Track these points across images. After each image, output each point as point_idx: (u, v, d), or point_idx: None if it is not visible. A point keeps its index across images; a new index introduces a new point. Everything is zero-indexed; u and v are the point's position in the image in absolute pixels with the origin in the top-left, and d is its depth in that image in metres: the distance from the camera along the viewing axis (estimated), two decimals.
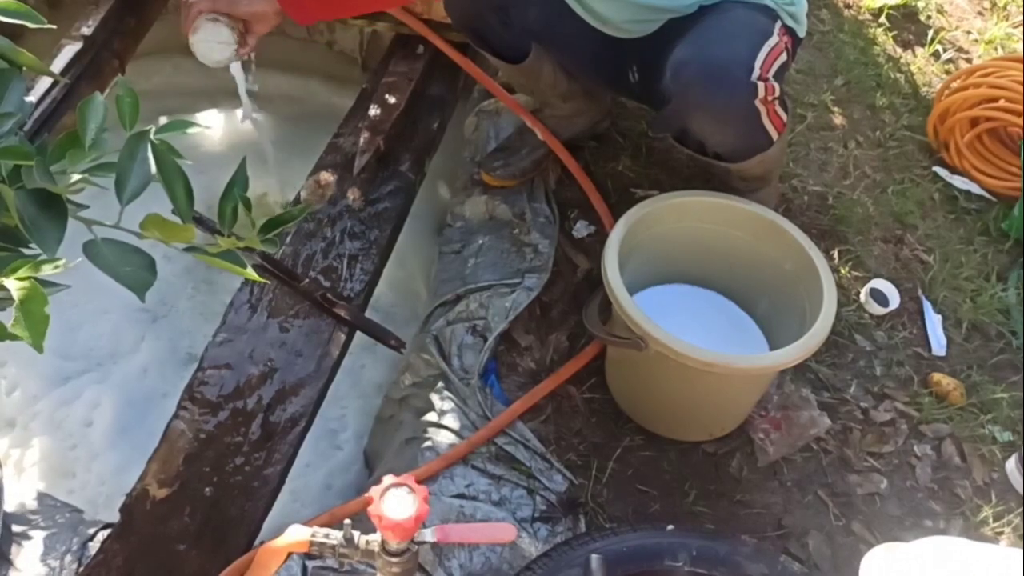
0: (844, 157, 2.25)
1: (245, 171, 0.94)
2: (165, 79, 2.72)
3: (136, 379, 1.99)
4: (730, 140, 1.67)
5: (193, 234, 0.83)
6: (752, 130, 1.63)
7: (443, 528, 0.95)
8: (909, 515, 1.61)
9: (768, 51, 1.57)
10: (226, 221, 0.90)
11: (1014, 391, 1.82)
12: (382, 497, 0.90)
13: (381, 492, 0.90)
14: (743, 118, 1.60)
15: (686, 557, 1.34)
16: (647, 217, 1.63)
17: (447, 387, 1.71)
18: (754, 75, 1.54)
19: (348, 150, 1.94)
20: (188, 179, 0.88)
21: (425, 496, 0.91)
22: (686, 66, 1.56)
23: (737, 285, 1.77)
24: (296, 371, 1.58)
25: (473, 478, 1.58)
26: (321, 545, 0.96)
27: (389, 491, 0.90)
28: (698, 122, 1.64)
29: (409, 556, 0.94)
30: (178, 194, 0.85)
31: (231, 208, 0.91)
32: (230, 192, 0.91)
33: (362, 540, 0.95)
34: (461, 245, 2.00)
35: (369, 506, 0.90)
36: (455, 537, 0.97)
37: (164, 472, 1.45)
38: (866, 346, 1.86)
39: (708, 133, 1.67)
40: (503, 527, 0.98)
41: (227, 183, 0.93)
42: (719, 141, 1.68)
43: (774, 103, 1.61)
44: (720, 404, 1.64)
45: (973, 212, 2.20)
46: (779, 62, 1.60)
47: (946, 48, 2.68)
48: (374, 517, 0.89)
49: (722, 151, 1.70)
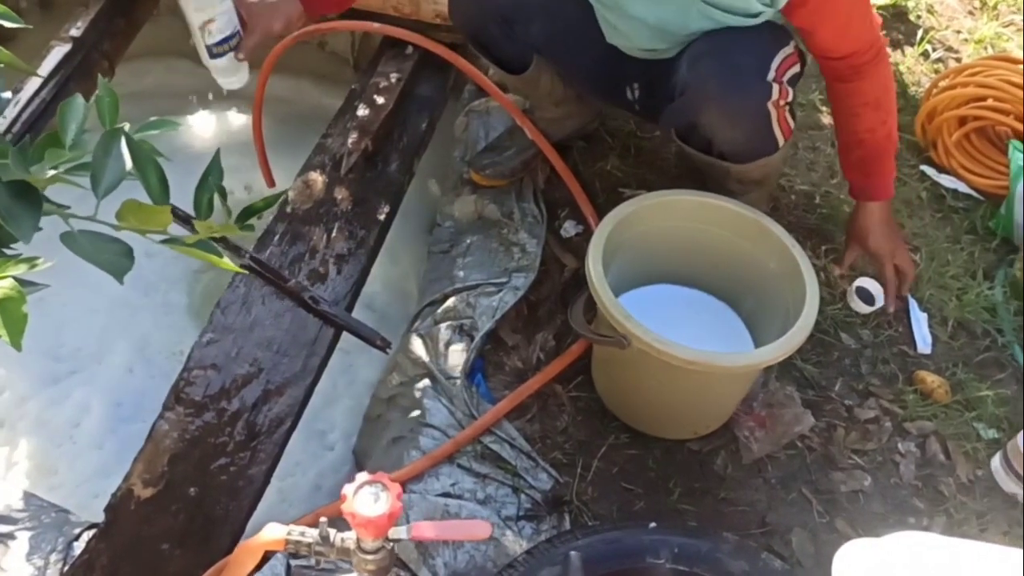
0: (832, 156, 2.26)
1: (219, 162, 0.96)
2: (157, 80, 2.73)
3: (123, 379, 2.00)
4: (739, 138, 1.68)
5: (169, 218, 0.84)
6: (761, 132, 1.65)
7: (418, 525, 0.96)
8: (893, 512, 1.62)
9: (784, 58, 1.59)
10: (202, 210, 0.91)
11: (999, 389, 1.82)
12: (355, 495, 0.91)
13: (354, 490, 0.91)
14: (755, 117, 1.62)
15: (668, 554, 1.34)
16: (631, 216, 1.64)
17: (434, 386, 1.71)
18: (770, 76, 1.57)
19: (336, 151, 1.95)
20: (162, 170, 0.89)
21: (399, 494, 0.92)
22: (705, 58, 1.58)
23: (723, 284, 1.77)
24: (282, 371, 1.59)
25: (459, 477, 1.59)
26: (297, 543, 0.97)
27: (362, 489, 0.91)
28: (709, 117, 1.65)
29: (384, 553, 0.94)
30: (152, 184, 0.87)
31: (207, 198, 0.91)
32: (205, 182, 0.92)
33: (337, 538, 0.96)
34: (450, 245, 2.01)
35: (342, 504, 0.90)
36: (430, 534, 0.97)
37: (149, 472, 1.45)
38: (852, 344, 1.87)
39: (718, 129, 1.67)
40: (478, 524, 0.99)
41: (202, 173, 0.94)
42: (728, 138, 1.68)
43: (785, 108, 1.64)
44: (704, 402, 1.65)
45: (960, 211, 2.20)
46: (793, 71, 1.62)
47: (935, 48, 2.69)
48: (347, 514, 0.90)
49: (728, 150, 1.71)
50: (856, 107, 1.66)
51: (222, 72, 1.61)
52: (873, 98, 1.64)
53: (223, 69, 1.60)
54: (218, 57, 1.58)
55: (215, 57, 1.58)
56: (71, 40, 2.05)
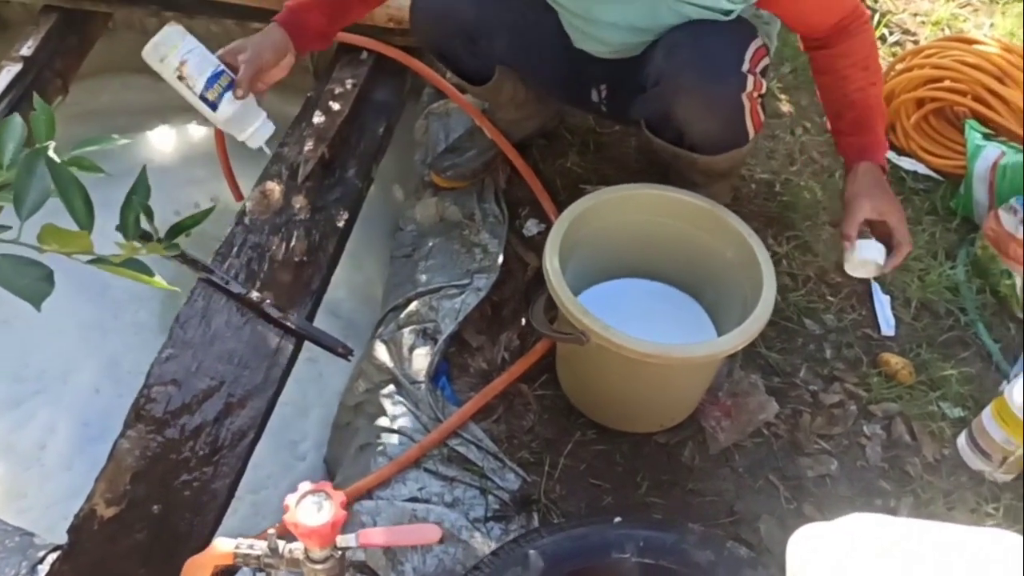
0: (791, 144, 2.27)
1: (146, 180, 0.95)
2: (113, 97, 2.71)
3: (90, 398, 1.99)
4: (712, 129, 1.68)
5: (90, 243, 0.83)
6: (735, 123, 1.65)
7: (366, 532, 0.96)
8: (860, 495, 1.62)
9: (755, 49, 1.60)
10: (128, 231, 0.90)
11: (963, 367, 1.83)
12: (297, 505, 0.90)
13: (296, 500, 0.91)
14: (729, 108, 1.62)
15: (633, 548, 1.34)
16: (588, 213, 1.64)
17: (399, 391, 1.71)
18: (745, 67, 1.57)
19: (293, 159, 1.95)
20: (86, 192, 0.88)
21: (342, 502, 0.92)
22: (680, 47, 1.58)
23: (685, 275, 1.77)
24: (243, 384, 1.58)
25: (426, 481, 1.59)
26: (246, 556, 0.96)
27: (305, 499, 0.91)
28: (685, 107, 1.64)
29: (333, 562, 0.94)
30: (76, 206, 0.86)
31: (132, 217, 0.91)
32: (130, 202, 0.91)
33: (286, 549, 0.95)
34: (412, 248, 2.01)
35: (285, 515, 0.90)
36: (378, 540, 0.97)
37: (111, 491, 1.44)
38: (816, 330, 1.87)
39: (693, 120, 1.66)
40: (428, 528, 0.99)
41: (127, 192, 0.93)
42: (701, 129, 1.68)
43: (758, 101, 1.64)
44: (668, 394, 1.65)
45: (921, 192, 2.21)
46: (764, 62, 1.63)
47: (893, 31, 2.70)
48: (290, 525, 0.90)
49: (700, 141, 1.71)
50: (844, 69, 1.63)
51: (236, 123, 1.50)
52: (861, 58, 1.63)
53: (235, 119, 1.48)
54: (216, 105, 1.46)
55: (215, 107, 1.46)
56: (22, 60, 2.04)
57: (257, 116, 1.52)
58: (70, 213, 0.87)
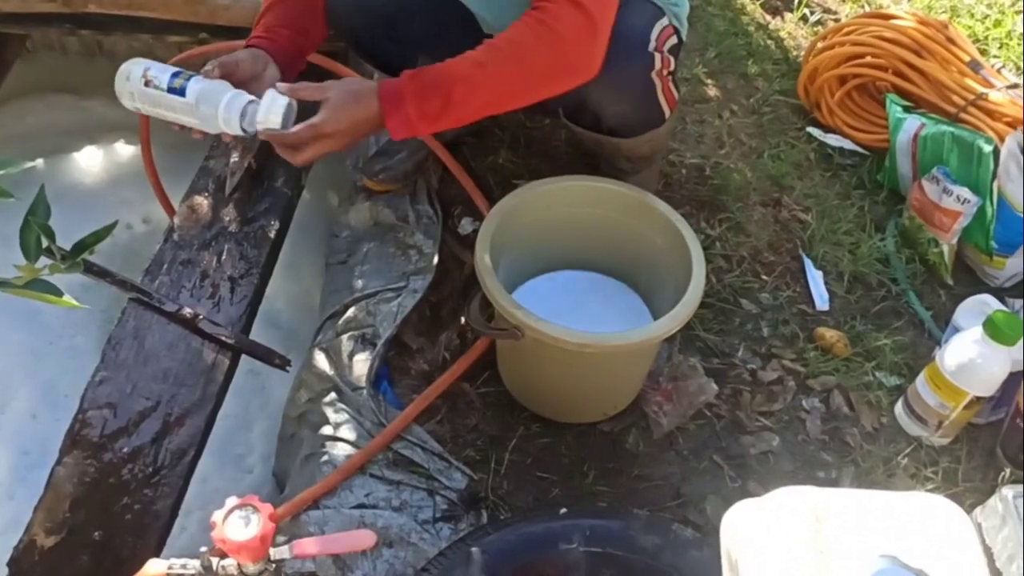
0: (719, 127, 2.29)
1: (45, 199, 0.93)
2: (39, 118, 2.66)
3: (28, 425, 1.95)
4: (626, 111, 1.70)
5: None
6: (648, 102, 1.68)
7: (299, 543, 0.95)
8: (802, 468, 1.65)
9: (661, 28, 1.62)
10: (30, 252, 0.89)
11: (897, 336, 1.87)
12: (224, 521, 0.90)
13: (223, 516, 0.90)
14: (640, 88, 1.64)
15: (579, 538, 1.35)
16: (517, 208, 1.64)
17: (340, 399, 1.70)
18: (651, 46, 1.59)
19: (219, 172, 1.93)
20: None
21: (271, 514, 0.91)
22: None
23: (619, 264, 1.79)
24: (180, 402, 1.56)
25: (372, 487, 1.58)
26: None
27: (232, 514, 0.90)
28: (597, 91, 1.63)
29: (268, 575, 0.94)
30: None
31: (33, 238, 0.89)
32: (28, 223, 0.90)
33: (219, 566, 0.95)
34: (347, 254, 2.00)
35: (212, 531, 0.89)
36: (312, 550, 0.97)
37: (50, 520, 1.42)
38: (752, 309, 1.90)
39: (606, 103, 1.68)
40: (361, 534, 0.99)
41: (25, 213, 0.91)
42: (615, 112, 1.70)
43: (669, 78, 1.67)
44: (608, 383, 1.66)
45: (848, 167, 2.25)
46: (671, 41, 1.65)
47: (814, 10, 2.75)
48: (218, 541, 0.89)
49: (616, 124, 1.73)
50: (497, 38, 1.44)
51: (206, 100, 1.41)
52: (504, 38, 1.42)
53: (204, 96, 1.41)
54: (184, 89, 1.41)
55: (184, 92, 1.41)
56: None
57: (226, 89, 1.44)
58: None
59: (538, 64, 1.40)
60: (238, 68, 1.50)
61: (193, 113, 1.44)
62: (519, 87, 1.44)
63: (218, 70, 1.47)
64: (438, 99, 1.40)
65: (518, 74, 1.42)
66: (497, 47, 1.41)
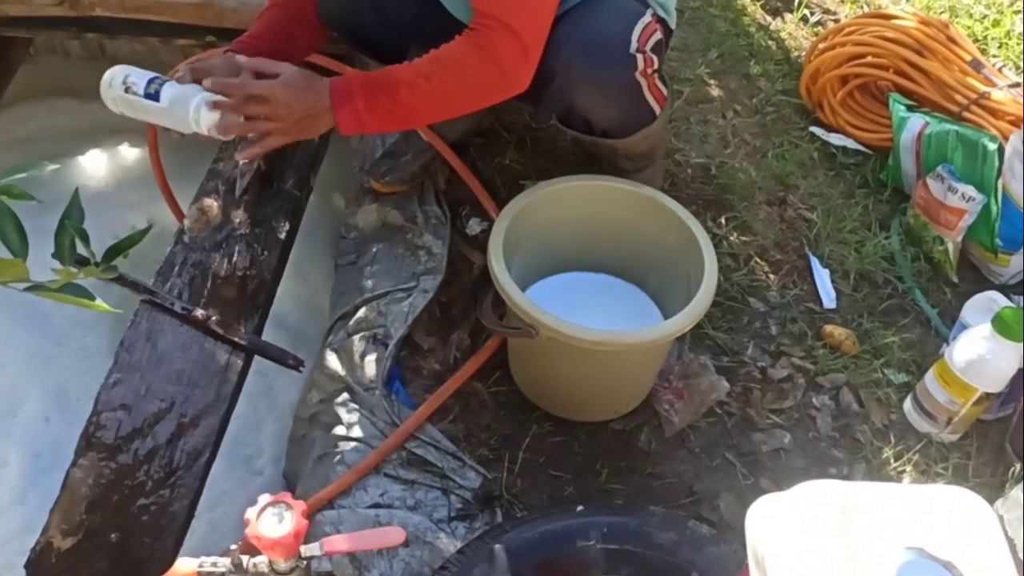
0: (723, 127, 2.31)
1: (79, 203, 0.94)
2: (42, 123, 2.67)
3: (40, 429, 1.95)
4: (615, 114, 1.71)
5: (25, 270, 0.82)
6: (635, 103, 1.68)
7: (330, 540, 0.96)
8: (814, 465, 1.66)
9: (643, 27, 1.62)
10: (64, 255, 0.89)
11: (904, 334, 1.88)
12: (259, 517, 0.90)
13: (257, 513, 0.90)
14: (625, 90, 1.65)
15: (597, 535, 1.36)
16: (528, 208, 1.65)
17: (353, 399, 1.70)
18: (632, 47, 1.60)
19: (229, 173, 1.93)
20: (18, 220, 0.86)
21: (304, 511, 0.91)
22: (567, 42, 1.60)
23: (628, 264, 1.79)
24: (194, 403, 1.56)
25: (387, 486, 1.59)
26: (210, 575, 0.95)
27: (265, 511, 0.90)
28: (582, 97, 1.67)
29: (299, 573, 0.94)
30: (8, 234, 0.84)
31: (67, 242, 0.89)
32: (64, 226, 0.90)
33: (250, 564, 0.95)
34: (356, 256, 2.00)
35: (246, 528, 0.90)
36: (343, 547, 0.97)
37: (67, 522, 1.42)
38: (760, 307, 1.91)
39: (593, 108, 1.69)
40: (392, 531, 0.99)
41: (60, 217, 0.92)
42: (604, 115, 1.71)
43: (654, 76, 1.67)
44: (621, 381, 1.67)
45: (852, 166, 2.26)
46: (654, 38, 1.65)
47: (813, 11, 2.76)
48: (253, 538, 0.89)
49: (608, 127, 1.73)
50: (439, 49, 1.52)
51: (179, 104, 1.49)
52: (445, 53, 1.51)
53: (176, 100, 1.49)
54: (159, 95, 1.50)
55: (158, 97, 1.49)
56: None
57: (196, 92, 1.50)
58: (3, 241, 0.86)
59: (475, 83, 1.53)
60: (210, 74, 1.54)
61: (167, 116, 1.52)
62: (457, 100, 1.58)
63: (189, 75, 1.54)
64: (385, 97, 1.51)
65: (457, 89, 1.54)
66: (441, 62, 1.52)
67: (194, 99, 1.50)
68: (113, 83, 1.54)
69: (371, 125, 1.55)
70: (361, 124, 1.53)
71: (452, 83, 1.52)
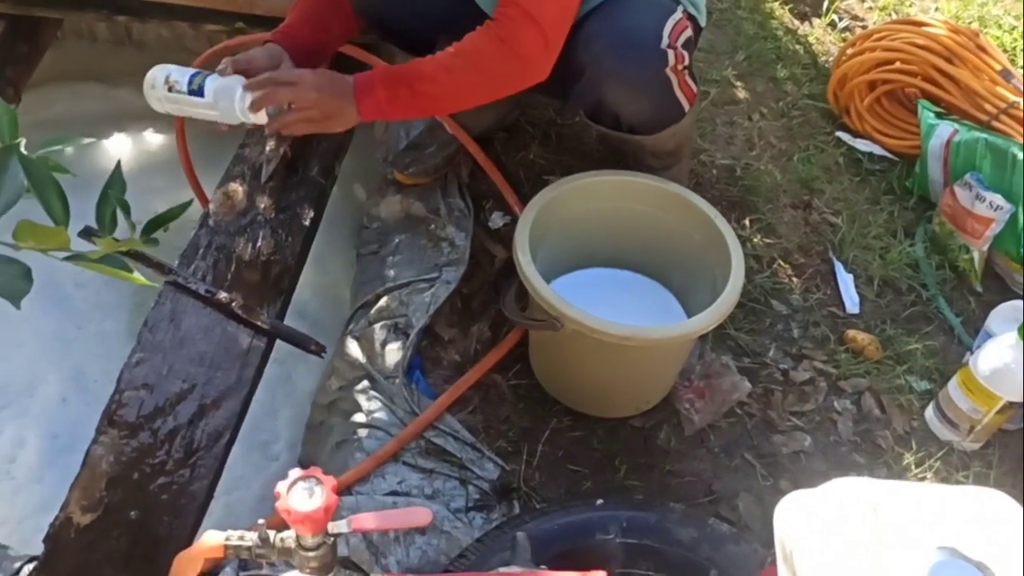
0: (749, 129, 2.30)
1: (121, 175, 0.94)
2: (66, 106, 2.67)
3: (57, 409, 1.96)
4: (644, 109, 1.70)
5: (67, 238, 0.82)
6: (665, 99, 1.68)
7: (357, 517, 0.95)
8: (834, 469, 1.65)
9: (674, 23, 1.63)
10: (105, 225, 0.89)
11: (927, 341, 1.87)
12: (289, 491, 0.90)
13: (288, 486, 0.90)
14: (656, 86, 1.65)
15: (616, 529, 1.36)
16: (554, 202, 1.65)
17: (373, 387, 1.70)
18: (663, 43, 1.60)
19: (255, 159, 1.93)
20: (62, 189, 0.86)
21: (334, 486, 0.91)
22: (597, 37, 1.60)
23: (651, 261, 1.79)
24: (216, 385, 1.56)
25: (405, 474, 1.58)
26: (236, 548, 0.95)
27: (296, 484, 0.90)
28: (612, 92, 1.67)
29: (326, 549, 0.94)
30: (52, 203, 0.84)
31: (109, 212, 0.89)
32: (106, 196, 0.90)
33: (277, 538, 0.95)
34: (378, 245, 2.00)
35: (276, 501, 0.90)
36: (370, 525, 0.97)
37: (87, 498, 1.42)
38: (782, 310, 1.90)
39: (623, 103, 1.69)
40: (418, 511, 0.99)
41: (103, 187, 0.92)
42: (634, 111, 1.70)
43: (684, 73, 1.67)
44: (642, 377, 1.66)
45: (877, 172, 2.25)
46: (685, 35, 1.65)
47: (842, 17, 2.75)
48: (283, 512, 0.89)
49: (636, 122, 1.73)
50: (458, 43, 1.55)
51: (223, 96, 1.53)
52: (464, 46, 1.53)
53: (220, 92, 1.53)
54: (203, 89, 1.54)
55: (202, 92, 1.54)
56: None
57: (240, 82, 1.54)
58: (46, 210, 0.86)
59: (496, 73, 1.55)
60: (251, 65, 1.59)
61: (214, 109, 1.56)
62: (478, 90, 1.60)
63: (231, 67, 1.58)
64: (406, 90, 1.55)
65: (478, 80, 1.56)
66: (462, 54, 1.54)
67: (238, 90, 1.54)
68: (156, 84, 1.58)
69: (391, 113, 1.60)
70: (382, 112, 1.58)
71: (473, 74, 1.55)
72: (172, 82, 1.57)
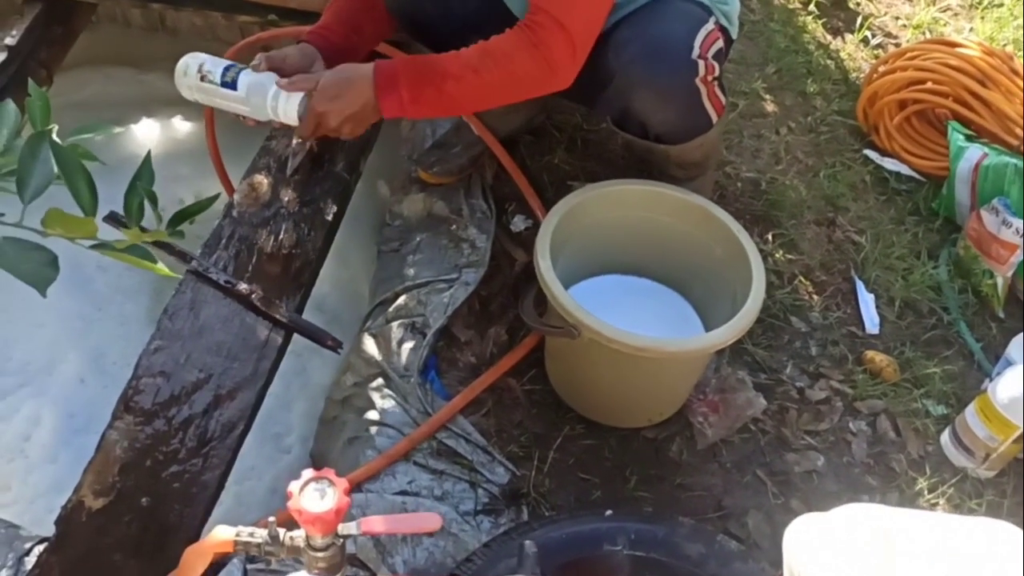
0: (776, 143, 2.29)
1: (150, 166, 0.94)
2: (98, 89, 2.69)
3: (75, 389, 1.97)
4: (672, 119, 1.70)
5: (95, 228, 0.83)
6: (694, 109, 1.67)
7: (367, 520, 0.96)
8: (846, 490, 1.64)
9: (705, 34, 1.62)
10: (132, 215, 0.90)
11: (946, 365, 1.86)
12: (301, 491, 0.90)
13: (300, 487, 0.91)
14: (685, 95, 1.64)
15: (624, 541, 1.35)
16: (577, 208, 1.65)
17: (388, 385, 1.71)
18: (694, 53, 1.59)
19: (281, 152, 1.93)
20: (91, 177, 0.87)
21: (346, 488, 0.91)
22: (628, 44, 1.60)
23: (672, 272, 1.78)
24: (232, 376, 1.57)
25: (415, 474, 1.59)
26: (246, 544, 0.96)
27: (308, 485, 0.90)
28: (641, 100, 1.66)
29: (335, 550, 0.94)
30: (81, 191, 0.85)
31: (136, 203, 0.90)
32: (134, 187, 0.91)
33: (287, 537, 0.95)
34: (399, 243, 2.01)
35: (288, 501, 0.90)
36: (379, 528, 0.97)
37: (99, 483, 1.43)
38: (801, 327, 1.89)
39: (651, 111, 1.68)
40: (428, 516, 0.99)
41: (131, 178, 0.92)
42: (661, 120, 1.70)
43: (714, 84, 1.66)
44: (657, 389, 1.66)
45: (903, 193, 2.24)
46: (716, 46, 1.64)
47: (875, 34, 2.73)
48: (294, 511, 0.89)
49: (664, 131, 1.72)
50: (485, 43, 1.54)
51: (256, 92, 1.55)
52: (493, 46, 1.53)
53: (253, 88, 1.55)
54: (236, 83, 1.56)
55: (235, 85, 1.56)
56: (6, 49, 2.01)
57: (273, 79, 1.56)
58: (75, 198, 0.86)
59: (522, 77, 1.54)
60: (284, 63, 1.61)
61: (245, 104, 1.57)
62: (502, 92, 1.59)
63: (265, 64, 1.59)
64: (431, 89, 1.54)
65: (503, 82, 1.55)
66: (491, 55, 1.53)
67: (271, 87, 1.55)
68: (188, 71, 1.58)
69: (412, 112, 1.60)
70: (403, 110, 1.58)
71: (499, 76, 1.54)
72: (205, 72, 1.58)
